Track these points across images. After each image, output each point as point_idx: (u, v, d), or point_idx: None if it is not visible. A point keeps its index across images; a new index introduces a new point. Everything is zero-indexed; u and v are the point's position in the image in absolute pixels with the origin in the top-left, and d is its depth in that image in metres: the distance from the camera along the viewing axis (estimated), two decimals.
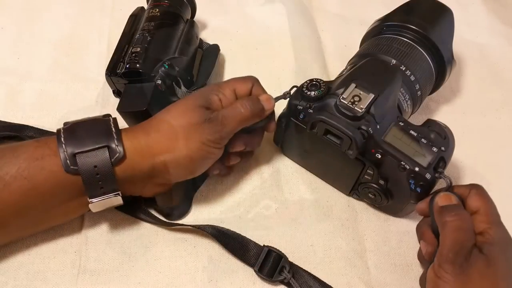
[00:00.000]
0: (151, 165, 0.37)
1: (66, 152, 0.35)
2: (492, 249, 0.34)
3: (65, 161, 0.35)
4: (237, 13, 0.63)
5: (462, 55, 0.61)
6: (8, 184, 0.34)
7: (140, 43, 0.46)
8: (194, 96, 0.40)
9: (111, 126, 0.37)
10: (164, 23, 0.49)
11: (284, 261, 0.41)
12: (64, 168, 0.35)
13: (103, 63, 0.55)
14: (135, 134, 0.38)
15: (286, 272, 0.40)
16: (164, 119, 0.38)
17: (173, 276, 0.41)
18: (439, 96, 0.56)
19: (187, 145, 0.37)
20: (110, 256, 0.41)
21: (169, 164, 0.38)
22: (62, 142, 0.36)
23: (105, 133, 0.36)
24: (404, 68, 0.45)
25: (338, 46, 0.61)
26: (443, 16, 0.49)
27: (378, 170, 0.40)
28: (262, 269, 0.40)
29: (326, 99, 0.40)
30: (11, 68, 0.54)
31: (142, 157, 0.37)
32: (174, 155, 0.38)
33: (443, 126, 0.41)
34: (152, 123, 0.39)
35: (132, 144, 0.37)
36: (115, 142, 0.36)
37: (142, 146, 0.37)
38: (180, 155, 0.38)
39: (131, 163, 0.37)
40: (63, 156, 0.35)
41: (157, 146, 0.37)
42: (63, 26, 0.59)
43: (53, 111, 0.51)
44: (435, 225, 0.37)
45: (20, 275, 0.39)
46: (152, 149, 0.37)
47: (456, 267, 0.33)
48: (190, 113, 0.38)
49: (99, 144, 0.36)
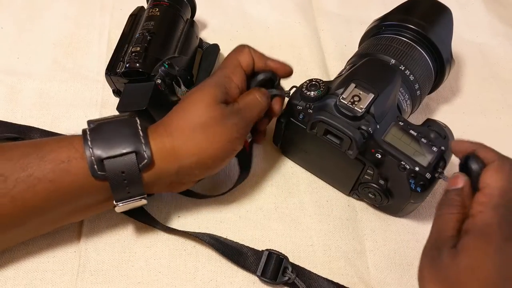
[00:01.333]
0: (176, 168, 0.37)
1: (94, 156, 0.34)
2: (465, 239, 0.29)
3: (92, 167, 0.34)
4: (237, 13, 0.63)
5: (462, 55, 0.61)
6: (32, 185, 0.33)
7: (140, 43, 0.46)
8: (211, 89, 0.38)
9: (138, 129, 0.36)
10: (164, 22, 0.49)
11: (286, 262, 0.41)
12: (91, 173, 0.34)
13: (103, 63, 0.55)
14: (160, 135, 0.36)
15: (289, 272, 0.40)
16: (185, 117, 0.37)
17: (173, 276, 0.41)
18: (439, 96, 0.56)
19: (212, 146, 0.37)
20: (110, 256, 0.41)
21: (194, 166, 0.37)
22: (89, 146, 0.34)
23: (133, 137, 0.35)
24: (403, 67, 0.45)
25: (338, 46, 0.61)
26: (442, 16, 0.49)
27: (378, 170, 0.40)
28: (265, 273, 0.40)
29: (326, 99, 0.40)
30: (11, 67, 0.54)
31: (168, 161, 0.36)
32: (199, 156, 0.37)
33: (443, 125, 0.41)
34: (174, 122, 0.37)
35: (158, 148, 0.36)
36: (143, 147, 0.35)
37: (168, 149, 0.36)
38: (205, 156, 0.37)
39: (157, 167, 0.36)
40: (90, 161, 0.34)
41: (182, 148, 0.36)
42: (63, 26, 0.59)
43: (53, 110, 0.51)
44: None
45: (19, 274, 0.39)
46: (177, 152, 0.36)
47: (428, 259, 0.31)
48: (212, 111, 0.37)
49: (128, 149, 0.35)
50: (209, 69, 0.52)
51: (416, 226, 0.46)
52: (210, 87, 0.38)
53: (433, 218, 0.46)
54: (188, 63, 0.50)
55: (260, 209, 0.46)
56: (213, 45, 0.55)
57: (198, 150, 0.36)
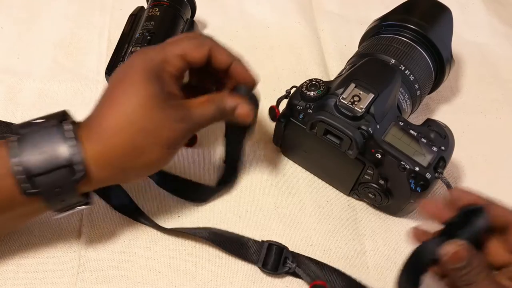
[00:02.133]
0: (114, 173, 0.34)
1: (23, 173, 0.31)
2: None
3: (23, 184, 0.31)
4: (237, 13, 0.63)
5: (461, 55, 0.61)
6: None
7: (140, 43, 0.46)
8: (146, 85, 0.33)
9: (70, 136, 0.32)
10: (164, 22, 0.49)
11: (286, 252, 0.41)
12: (22, 191, 0.31)
13: (103, 63, 0.55)
14: (92, 141, 0.33)
15: (290, 262, 0.40)
16: (119, 117, 0.33)
17: (173, 276, 0.41)
18: (439, 96, 0.56)
19: (146, 155, 0.34)
20: (110, 255, 0.41)
21: (128, 172, 0.35)
22: (16, 162, 0.31)
23: (65, 147, 0.32)
24: (403, 67, 0.45)
25: (338, 46, 0.61)
26: (442, 16, 0.49)
27: (378, 170, 0.40)
28: (266, 264, 0.41)
29: (326, 99, 0.40)
30: (11, 67, 0.54)
31: (105, 169, 0.34)
32: (132, 164, 0.34)
33: (443, 125, 0.41)
34: (106, 122, 0.33)
35: (92, 156, 0.33)
36: (77, 158, 0.32)
37: (103, 155, 0.33)
38: (138, 165, 0.34)
39: (94, 176, 0.33)
40: (20, 179, 0.31)
41: (113, 155, 0.33)
42: (63, 26, 0.59)
43: (53, 110, 0.50)
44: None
45: (19, 275, 0.39)
46: (109, 159, 0.33)
47: None
48: (148, 116, 0.33)
49: (60, 164, 0.32)
50: None
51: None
52: (143, 81, 0.33)
53: None
54: None
55: (260, 209, 0.45)
56: None
57: (129, 159, 0.34)
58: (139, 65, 0.34)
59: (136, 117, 0.33)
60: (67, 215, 0.36)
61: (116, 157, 0.33)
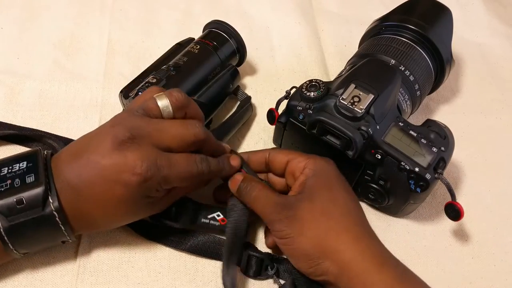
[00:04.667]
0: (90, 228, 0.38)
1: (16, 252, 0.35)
2: (309, 184, 0.37)
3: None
4: (237, 13, 0.63)
5: (461, 55, 0.61)
6: None
7: (159, 75, 0.44)
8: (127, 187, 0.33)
9: (60, 227, 0.34)
10: (195, 62, 0.47)
11: (267, 260, 0.41)
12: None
13: (103, 63, 0.55)
14: (72, 202, 0.34)
15: (270, 271, 0.40)
16: (92, 183, 0.34)
17: (173, 277, 0.41)
18: (439, 96, 0.56)
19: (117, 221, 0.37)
20: (110, 256, 0.41)
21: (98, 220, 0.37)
22: (11, 248, 0.34)
23: (57, 235, 0.35)
24: (403, 68, 0.45)
25: (338, 46, 0.61)
26: (442, 16, 0.49)
27: (378, 171, 0.40)
28: (247, 272, 0.40)
29: (326, 100, 0.40)
30: (11, 68, 0.54)
31: (84, 227, 0.36)
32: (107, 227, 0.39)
33: (443, 126, 0.42)
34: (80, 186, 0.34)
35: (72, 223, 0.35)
36: (66, 237, 0.35)
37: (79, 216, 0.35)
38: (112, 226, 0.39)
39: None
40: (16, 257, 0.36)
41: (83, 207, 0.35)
42: (63, 26, 0.59)
43: (53, 111, 0.51)
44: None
45: (19, 276, 0.39)
46: (85, 218, 0.35)
47: (284, 220, 0.36)
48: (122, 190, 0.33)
49: (53, 243, 0.36)
50: (233, 125, 0.49)
51: (416, 226, 0.46)
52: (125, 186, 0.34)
53: (433, 219, 0.46)
54: (205, 109, 0.44)
55: None
56: (246, 98, 0.52)
57: (103, 223, 0.37)
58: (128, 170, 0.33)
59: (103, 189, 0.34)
60: None
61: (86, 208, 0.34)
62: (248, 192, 0.38)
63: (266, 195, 0.37)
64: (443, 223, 0.46)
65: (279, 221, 0.36)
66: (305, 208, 0.36)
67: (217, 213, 0.41)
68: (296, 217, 0.36)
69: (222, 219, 0.40)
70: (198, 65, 0.47)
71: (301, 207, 0.36)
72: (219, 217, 0.41)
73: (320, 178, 0.38)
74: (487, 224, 0.46)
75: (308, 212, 0.36)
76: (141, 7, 0.63)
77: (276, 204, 0.37)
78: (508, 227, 0.46)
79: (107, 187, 0.33)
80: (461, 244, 0.45)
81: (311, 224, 0.35)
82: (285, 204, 0.36)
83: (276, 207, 0.36)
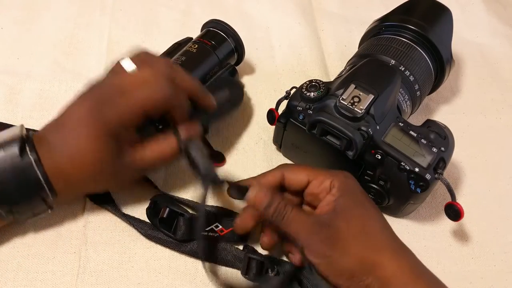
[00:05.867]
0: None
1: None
2: (341, 203, 0.36)
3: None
4: (236, 13, 0.63)
5: (461, 55, 0.61)
6: None
7: None
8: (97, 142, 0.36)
9: (43, 185, 0.36)
10: (193, 61, 0.47)
11: (267, 263, 0.40)
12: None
13: (103, 63, 0.55)
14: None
15: (271, 273, 0.40)
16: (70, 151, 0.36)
17: (173, 276, 0.41)
18: (439, 96, 0.56)
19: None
20: (110, 256, 0.41)
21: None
22: None
23: (40, 195, 0.36)
24: (403, 68, 0.45)
25: (338, 46, 0.61)
26: (442, 16, 0.49)
27: (378, 171, 0.40)
28: (247, 274, 0.40)
29: (326, 100, 0.40)
30: (11, 68, 0.54)
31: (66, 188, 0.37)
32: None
33: (443, 126, 0.42)
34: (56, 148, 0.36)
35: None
36: (49, 197, 0.36)
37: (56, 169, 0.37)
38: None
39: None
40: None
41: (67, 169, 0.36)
42: (63, 26, 0.59)
43: (53, 111, 0.50)
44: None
45: (19, 275, 0.39)
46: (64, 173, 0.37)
47: (325, 240, 0.35)
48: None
49: (34, 204, 0.37)
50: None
51: (416, 226, 0.46)
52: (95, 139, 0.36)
53: (433, 219, 0.46)
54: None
55: None
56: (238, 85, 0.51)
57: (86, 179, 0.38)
58: (93, 121, 0.37)
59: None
60: (68, 216, 0.36)
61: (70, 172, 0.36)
62: (280, 214, 0.36)
63: (299, 215, 0.36)
64: (443, 223, 0.46)
65: (319, 242, 0.35)
66: (343, 227, 0.35)
67: (215, 224, 0.41)
68: (336, 236, 0.35)
69: (221, 229, 0.41)
70: (196, 65, 0.47)
71: (339, 226, 0.35)
72: (218, 228, 0.41)
73: (349, 196, 0.37)
74: (487, 224, 0.46)
75: (348, 231, 0.35)
76: (141, 7, 0.63)
77: (313, 224, 0.36)
78: (508, 227, 0.46)
79: (77, 133, 0.37)
80: (461, 244, 0.45)
81: (353, 242, 0.35)
82: (322, 224, 0.35)
83: (313, 227, 0.35)
